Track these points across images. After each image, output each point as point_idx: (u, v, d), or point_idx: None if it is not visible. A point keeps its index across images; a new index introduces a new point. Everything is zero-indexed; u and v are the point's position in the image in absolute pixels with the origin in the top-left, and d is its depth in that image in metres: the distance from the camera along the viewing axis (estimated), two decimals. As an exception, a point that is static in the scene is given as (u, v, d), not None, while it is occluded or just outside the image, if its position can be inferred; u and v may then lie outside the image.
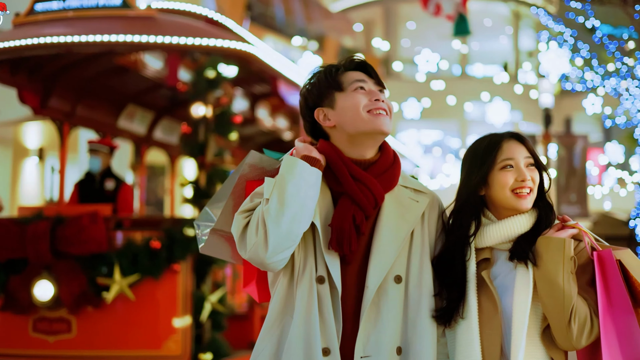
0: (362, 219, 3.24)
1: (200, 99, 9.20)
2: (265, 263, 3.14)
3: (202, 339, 9.07)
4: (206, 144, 9.14)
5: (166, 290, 8.90)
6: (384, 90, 3.39)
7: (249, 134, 14.29)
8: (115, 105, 12.03)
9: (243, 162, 3.44)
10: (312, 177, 3.18)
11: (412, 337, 3.25)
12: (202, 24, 9.81)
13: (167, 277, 8.86)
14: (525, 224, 3.34)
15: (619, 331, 3.18)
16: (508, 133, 3.43)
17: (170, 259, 8.81)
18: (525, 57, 40.90)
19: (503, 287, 3.29)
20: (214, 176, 9.05)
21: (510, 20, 40.12)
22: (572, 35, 17.29)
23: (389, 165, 3.37)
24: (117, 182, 10.14)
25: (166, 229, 8.89)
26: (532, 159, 3.37)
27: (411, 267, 3.32)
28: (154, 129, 12.98)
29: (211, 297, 9.00)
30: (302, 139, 3.37)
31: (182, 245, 8.76)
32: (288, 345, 3.18)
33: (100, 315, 8.84)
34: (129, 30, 8.98)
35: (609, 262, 3.24)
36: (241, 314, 10.33)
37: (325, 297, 3.20)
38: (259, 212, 3.14)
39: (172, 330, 8.88)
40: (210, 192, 9.06)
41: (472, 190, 3.38)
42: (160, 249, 8.75)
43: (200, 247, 3.57)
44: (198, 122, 9.20)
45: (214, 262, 9.02)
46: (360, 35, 36.52)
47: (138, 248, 8.75)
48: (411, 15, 37.46)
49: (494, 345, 3.23)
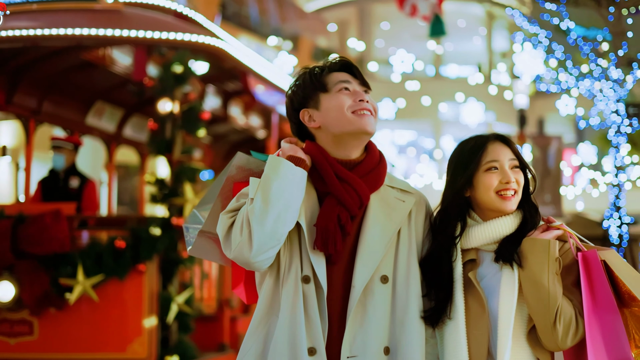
0: (347, 219, 3.24)
1: (167, 94, 8.87)
2: (250, 262, 3.14)
3: (169, 341, 8.80)
4: (173, 141, 8.81)
5: (131, 291, 8.63)
6: (369, 91, 3.39)
7: (221, 132, 14.05)
8: (83, 102, 11.66)
9: (230, 164, 3.46)
10: (296, 177, 3.18)
11: (400, 338, 3.25)
12: (171, 18, 9.53)
13: (132, 278, 8.60)
14: (510, 225, 3.35)
15: (604, 331, 3.19)
16: (493, 135, 3.44)
17: (136, 259, 8.54)
18: (498, 58, 40.81)
19: (490, 288, 3.29)
20: (181, 174, 8.74)
21: (484, 21, 40.01)
22: (547, 37, 17.46)
23: (375, 166, 3.37)
24: (82, 179, 9.80)
25: (131, 228, 8.59)
26: (517, 161, 3.38)
27: (398, 267, 3.31)
28: (123, 127, 12.63)
29: (178, 298, 8.72)
30: (288, 140, 3.35)
31: (148, 244, 8.50)
32: (274, 345, 3.18)
33: (63, 317, 8.56)
34: (95, 24, 8.73)
35: (594, 262, 3.24)
36: (210, 316, 10.06)
37: (310, 297, 3.20)
38: (244, 212, 3.15)
39: (137, 333, 8.61)
40: (178, 190, 8.76)
41: (458, 192, 3.38)
42: (125, 248, 8.48)
43: (189, 249, 3.57)
44: (165, 118, 8.87)
45: (181, 262, 8.75)
46: (335, 36, 36.32)
47: (102, 248, 8.48)
48: (385, 15, 37.27)
49: (481, 345, 3.24)
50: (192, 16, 9.76)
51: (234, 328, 10.35)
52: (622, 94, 16.83)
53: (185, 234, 3.58)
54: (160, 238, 8.53)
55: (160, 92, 8.89)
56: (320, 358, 3.16)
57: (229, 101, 12.51)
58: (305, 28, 30.97)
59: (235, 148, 15.38)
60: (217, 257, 3.58)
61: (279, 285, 3.26)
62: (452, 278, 3.32)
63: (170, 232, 8.62)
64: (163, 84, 8.86)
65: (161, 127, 8.88)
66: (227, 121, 12.82)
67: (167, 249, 8.65)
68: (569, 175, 31.57)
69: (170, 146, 8.81)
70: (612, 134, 16.88)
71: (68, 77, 10.81)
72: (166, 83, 8.82)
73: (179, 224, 8.59)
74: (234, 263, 3.43)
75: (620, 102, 16.78)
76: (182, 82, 8.84)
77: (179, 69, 8.79)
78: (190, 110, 8.88)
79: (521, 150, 3.56)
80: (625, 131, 16.68)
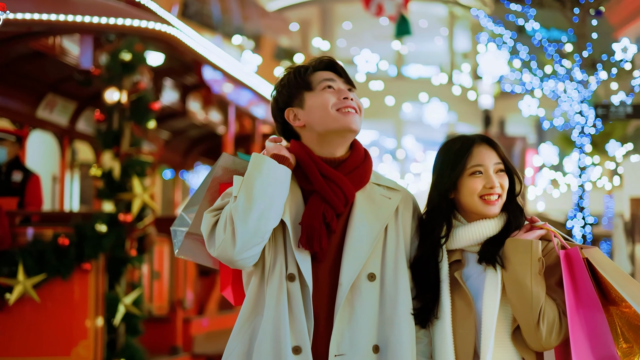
0: (332, 216, 3.23)
1: (115, 84, 8.26)
2: (234, 260, 3.13)
3: (116, 345, 8.25)
4: (121, 132, 8.21)
5: (76, 292, 8.06)
6: (353, 89, 3.37)
7: (180, 127, 13.55)
8: (34, 94, 11.02)
9: (216, 165, 3.45)
10: (279, 175, 3.16)
11: (389, 336, 3.21)
12: (122, 5, 8.94)
13: (76, 277, 8.03)
14: (493, 227, 3.34)
15: (588, 329, 3.17)
16: (479, 137, 3.42)
17: (80, 258, 7.96)
18: (460, 59, 40.71)
19: (475, 289, 3.29)
20: (129, 167, 8.15)
21: (446, 21, 39.93)
22: (512, 38, 17.33)
23: (360, 163, 3.35)
24: (25, 174, 9.15)
25: (76, 224, 7.99)
26: (502, 165, 3.37)
27: (386, 265, 3.28)
28: (76, 120, 12.00)
29: (125, 298, 8.15)
30: (273, 139, 3.33)
31: (93, 242, 7.93)
32: (258, 344, 3.15)
33: (2, 319, 7.96)
34: (38, 9, 8.11)
35: (576, 260, 3.23)
36: (161, 317, 9.48)
37: (295, 295, 3.18)
38: (227, 210, 3.14)
39: (82, 335, 8.06)
40: (126, 184, 8.17)
41: (442, 194, 3.38)
42: (69, 246, 7.90)
43: (176, 251, 3.54)
44: (112, 109, 8.26)
45: (129, 261, 8.19)
46: (297, 35, 35.97)
47: (44, 245, 7.89)
48: (347, 15, 37.24)
49: (467, 344, 3.24)
50: (146, 3, 9.17)
51: (187, 330, 9.80)
52: (586, 95, 16.81)
53: (173, 237, 3.54)
54: (107, 235, 7.96)
55: (107, 81, 8.27)
56: (306, 357, 3.12)
57: (188, 95, 11.96)
58: (267, 27, 30.60)
59: (194, 144, 14.89)
60: (205, 259, 3.55)
61: (264, 284, 3.24)
62: (439, 278, 3.31)
63: (118, 229, 8.04)
64: (110, 73, 8.24)
65: (108, 119, 8.26)
66: (185, 116, 12.31)
67: (114, 246, 8.08)
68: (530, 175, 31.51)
69: (118, 138, 8.21)
70: (576, 134, 16.87)
71: (16, 67, 10.19)
72: (113, 71, 8.21)
73: (126, 220, 8.02)
74: (222, 265, 3.47)
75: (584, 103, 16.76)
76: (131, 70, 8.24)
77: (127, 56, 8.18)
78: (140, 101, 8.29)
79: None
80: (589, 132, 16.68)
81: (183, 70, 10.78)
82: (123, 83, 8.26)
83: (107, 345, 8.19)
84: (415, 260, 3.33)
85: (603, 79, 17.01)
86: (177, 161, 15.00)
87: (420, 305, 3.29)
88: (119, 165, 8.19)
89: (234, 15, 28.81)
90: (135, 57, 8.25)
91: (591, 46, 16.92)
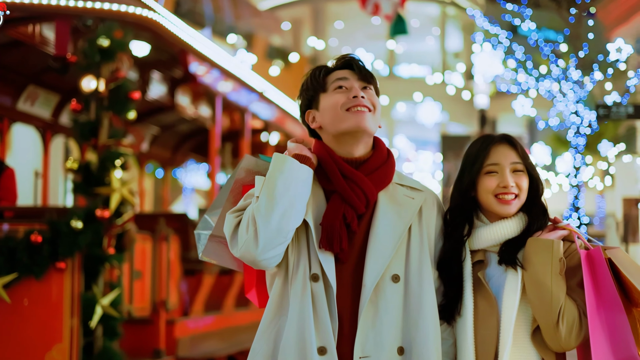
0: (353, 217, 3.19)
1: (92, 71, 7.64)
2: (257, 260, 3.11)
3: (93, 349, 7.65)
4: (99, 123, 7.58)
5: (49, 292, 7.46)
6: (370, 86, 3.29)
7: (168, 122, 12.97)
8: (14, 85, 10.42)
9: (238, 167, 3.43)
10: (301, 174, 3.13)
11: (414, 337, 3.17)
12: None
13: (50, 277, 7.43)
14: (514, 228, 3.31)
15: (608, 330, 3.13)
16: (501, 136, 3.40)
17: (55, 256, 7.35)
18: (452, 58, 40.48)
19: (497, 289, 3.27)
20: (107, 160, 7.53)
21: (438, 21, 39.78)
22: (508, 38, 17.53)
23: (381, 163, 3.30)
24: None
25: (50, 220, 7.38)
26: (520, 164, 3.33)
27: (410, 266, 3.24)
28: (60, 113, 11.37)
29: (103, 299, 7.54)
30: (294, 140, 3.29)
31: (68, 239, 7.32)
32: (283, 345, 3.12)
33: (-29, 321, 7.35)
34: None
35: (599, 260, 3.18)
36: (143, 319, 8.85)
37: (319, 295, 3.14)
38: (250, 210, 3.11)
39: (56, 339, 7.46)
40: (104, 178, 7.55)
41: (463, 193, 3.38)
42: (42, 243, 7.29)
43: (200, 254, 3.49)
44: (89, 98, 7.63)
45: (107, 260, 7.58)
46: (288, 34, 35.62)
47: (16, 243, 7.29)
48: (339, 14, 37.07)
49: (489, 345, 3.22)
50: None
51: (170, 332, 9.17)
52: (582, 95, 16.98)
53: (197, 240, 3.50)
54: (83, 232, 7.33)
55: (84, 69, 7.65)
56: (331, 357, 3.09)
57: (176, 89, 11.36)
58: (260, 26, 30.24)
59: (184, 139, 14.28)
60: (229, 261, 3.49)
61: (288, 285, 3.21)
62: (462, 276, 3.29)
63: (95, 226, 7.42)
64: (87, 60, 7.62)
65: (86, 108, 7.64)
66: (174, 110, 11.70)
67: (90, 244, 7.44)
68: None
69: (96, 129, 7.59)
70: (571, 135, 16.95)
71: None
72: (91, 58, 7.59)
73: (104, 216, 7.40)
74: (246, 267, 3.45)
75: (579, 103, 16.92)
76: (110, 57, 7.63)
77: (105, 42, 7.56)
78: (119, 90, 7.66)
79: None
80: (584, 132, 16.82)
81: (170, 62, 10.24)
82: (101, 71, 7.65)
83: (83, 349, 7.60)
84: (439, 258, 3.31)
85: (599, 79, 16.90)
86: (166, 157, 14.39)
87: (444, 301, 3.28)
88: (96, 158, 7.57)
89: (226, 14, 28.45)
90: (114, 44, 7.64)
91: (587, 46, 16.93)
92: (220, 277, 10.47)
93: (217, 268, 10.10)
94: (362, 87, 3.27)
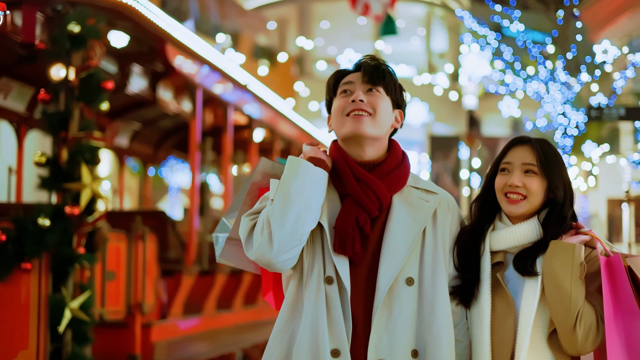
0: (366, 220, 3.17)
1: (61, 59, 7.03)
2: (272, 263, 3.11)
3: (61, 355, 7.05)
4: (69, 114, 6.97)
5: (15, 295, 6.87)
6: (375, 88, 3.27)
7: (150, 117, 12.29)
8: (-15, 78, 9.81)
9: (255, 170, 3.45)
10: (316, 177, 3.14)
11: (428, 340, 3.16)
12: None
13: (15, 278, 6.83)
14: (528, 232, 3.29)
15: (625, 336, 3.11)
16: (524, 138, 3.40)
17: (20, 256, 6.75)
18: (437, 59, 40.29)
19: (515, 290, 3.26)
20: (78, 154, 6.93)
21: (424, 21, 39.60)
22: (496, 39, 17.51)
23: (395, 166, 3.30)
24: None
25: (15, 218, 6.79)
26: (534, 166, 3.30)
27: (424, 269, 3.23)
28: (35, 107, 10.74)
29: (72, 302, 6.94)
30: (310, 142, 3.31)
31: (34, 238, 6.72)
32: (297, 347, 3.12)
33: None
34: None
35: (618, 268, 3.18)
36: (116, 322, 8.26)
37: (333, 298, 3.13)
38: (265, 213, 3.12)
39: (22, 345, 6.88)
40: (75, 173, 6.95)
41: (487, 186, 3.42)
42: (7, 242, 6.69)
43: (218, 257, 3.51)
44: (59, 87, 7.02)
45: (77, 260, 6.99)
46: (274, 34, 35.25)
47: (-22, 242, 6.68)
48: (325, 14, 36.78)
49: (505, 346, 3.21)
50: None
51: (146, 336, 8.58)
52: (569, 97, 17.06)
53: (215, 243, 3.53)
54: (51, 230, 6.74)
55: (54, 57, 7.05)
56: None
57: (158, 83, 10.73)
58: (245, 25, 29.88)
59: (166, 135, 13.64)
60: (246, 264, 3.50)
61: (302, 287, 3.21)
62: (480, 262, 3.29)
63: (64, 223, 6.82)
64: (57, 47, 7.02)
65: (55, 99, 7.03)
66: (156, 105, 11.04)
67: (59, 243, 6.85)
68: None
69: (65, 121, 6.98)
70: (559, 136, 17.03)
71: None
72: (60, 45, 6.98)
73: (73, 213, 6.80)
74: (263, 270, 3.47)
75: (567, 104, 16.97)
76: (81, 45, 7.02)
77: (76, 28, 6.95)
78: (90, 79, 7.05)
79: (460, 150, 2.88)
80: (571, 133, 17.04)
81: (151, 54, 9.63)
82: (72, 59, 7.04)
83: (50, 356, 7.02)
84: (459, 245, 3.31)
85: (586, 80, 16.92)
86: (147, 153, 13.76)
87: (460, 283, 3.28)
88: (66, 152, 6.97)
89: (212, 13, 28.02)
90: (86, 30, 7.03)
91: (575, 48, 17.04)
92: (200, 278, 9.89)
93: (197, 268, 9.55)
94: (367, 89, 3.25)
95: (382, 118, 3.24)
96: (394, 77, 3.34)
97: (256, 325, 11.79)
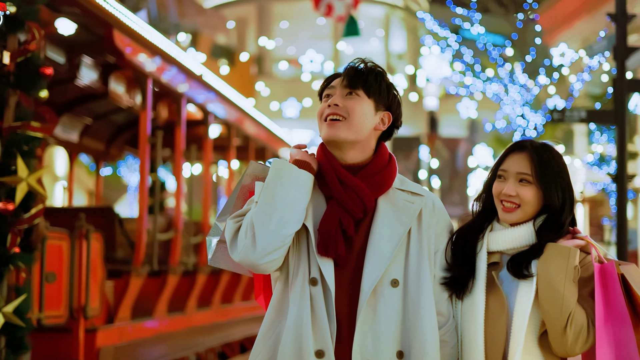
0: (349, 222, 3.17)
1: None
2: (256, 264, 3.11)
3: (-6, 363, 6.36)
4: (4, 102, 6.27)
5: (-59, 299, 6.12)
6: (356, 91, 3.22)
7: (101, 111, 11.61)
8: None
9: (245, 173, 3.42)
10: (300, 180, 3.13)
11: (413, 342, 3.14)
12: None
13: (-58, 281, 6.09)
14: (526, 235, 3.29)
15: (615, 343, 3.14)
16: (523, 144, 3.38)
17: (-53, 257, 6.04)
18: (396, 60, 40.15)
19: (509, 291, 3.24)
20: (13, 145, 6.23)
21: (382, 22, 39.42)
22: (457, 41, 17.36)
23: (380, 169, 3.26)
24: None
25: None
26: (528, 176, 3.30)
27: (409, 271, 3.20)
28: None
29: (6, 307, 6.20)
30: (297, 145, 3.27)
31: (-37, 237, 5.99)
32: (282, 348, 3.11)
33: None
34: None
35: (611, 275, 3.20)
36: (57, 327, 7.54)
37: (318, 299, 3.12)
38: (249, 216, 3.13)
39: (-50, 353, 6.13)
40: (10, 166, 6.24)
41: (486, 188, 3.44)
42: None
43: (209, 259, 3.45)
44: (-7, 73, 6.34)
45: (11, 261, 6.25)
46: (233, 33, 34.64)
47: None
48: (284, 14, 36.34)
49: (498, 345, 3.21)
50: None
51: (91, 342, 7.86)
52: (528, 99, 16.91)
53: (208, 246, 3.43)
54: (-19, 230, 6.04)
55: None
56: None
57: (109, 75, 10.11)
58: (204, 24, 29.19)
59: (120, 130, 12.88)
60: (237, 266, 3.38)
61: (288, 289, 3.19)
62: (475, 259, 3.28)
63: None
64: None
65: (-12, 85, 6.33)
66: (107, 98, 10.41)
67: (-10, 242, 6.15)
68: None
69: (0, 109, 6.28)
70: (517, 137, 16.66)
71: None
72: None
73: (7, 209, 6.10)
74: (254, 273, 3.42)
75: (525, 106, 16.82)
76: (17, 27, 6.31)
77: (11, 9, 6.25)
78: (27, 64, 6.34)
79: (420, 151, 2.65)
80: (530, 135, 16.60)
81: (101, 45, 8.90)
82: (7, 42, 6.34)
83: (-18, 364, 6.30)
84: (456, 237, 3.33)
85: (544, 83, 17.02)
86: (99, 149, 12.99)
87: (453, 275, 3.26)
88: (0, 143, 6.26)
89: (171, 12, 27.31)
90: (22, 11, 6.32)
91: (534, 51, 16.85)
92: (150, 279, 9.21)
93: (147, 269, 8.86)
94: (347, 93, 3.22)
95: (358, 121, 3.19)
96: (381, 78, 3.28)
97: (211, 328, 11.14)
